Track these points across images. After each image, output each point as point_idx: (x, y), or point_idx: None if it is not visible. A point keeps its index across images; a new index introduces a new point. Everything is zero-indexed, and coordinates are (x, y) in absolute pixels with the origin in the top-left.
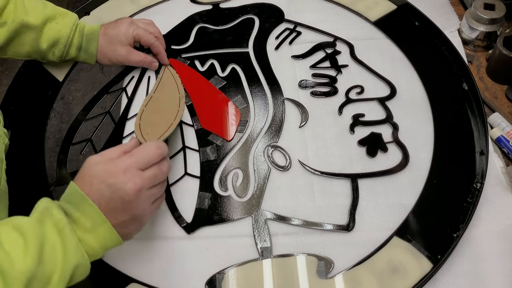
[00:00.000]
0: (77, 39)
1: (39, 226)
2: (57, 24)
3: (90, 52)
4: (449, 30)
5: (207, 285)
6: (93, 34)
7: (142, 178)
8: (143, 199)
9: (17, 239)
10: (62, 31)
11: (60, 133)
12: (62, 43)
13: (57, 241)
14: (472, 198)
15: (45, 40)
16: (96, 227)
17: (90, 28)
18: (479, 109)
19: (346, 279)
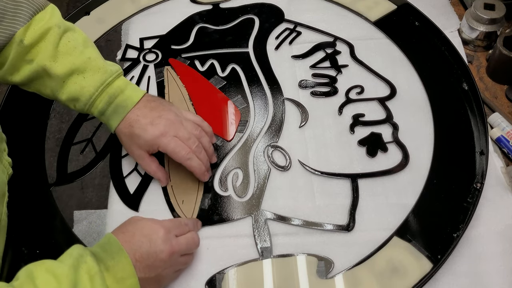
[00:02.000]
0: (101, 103)
1: (73, 272)
2: (84, 79)
3: (111, 124)
4: (449, 30)
5: (207, 285)
6: (122, 108)
7: (178, 243)
8: (172, 263)
9: (51, 282)
10: (85, 89)
11: (60, 133)
12: (82, 102)
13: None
14: (472, 198)
15: (65, 92)
16: (125, 279)
17: (125, 98)
18: (479, 109)
19: (346, 279)
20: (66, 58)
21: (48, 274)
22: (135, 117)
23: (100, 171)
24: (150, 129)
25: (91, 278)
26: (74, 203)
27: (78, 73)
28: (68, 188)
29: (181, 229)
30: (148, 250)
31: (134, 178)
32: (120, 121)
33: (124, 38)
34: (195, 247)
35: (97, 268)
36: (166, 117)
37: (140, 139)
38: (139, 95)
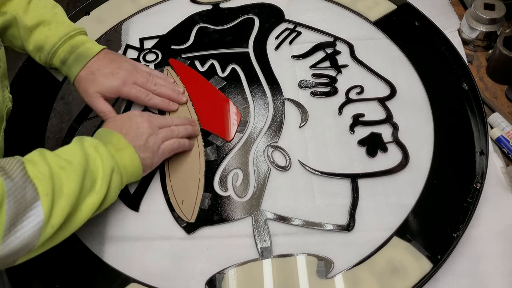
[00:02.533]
0: (63, 52)
1: (80, 146)
2: (49, 30)
3: (72, 72)
4: (449, 30)
5: (207, 285)
6: (83, 57)
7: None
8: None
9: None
10: (50, 39)
11: (60, 133)
12: (46, 50)
13: (95, 154)
14: (472, 198)
15: (32, 42)
16: (123, 149)
17: (86, 48)
18: (479, 109)
19: (346, 279)
20: (36, 11)
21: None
22: (96, 66)
23: None
24: (112, 79)
25: (96, 148)
26: None
27: (45, 24)
28: None
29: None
30: (130, 123)
31: None
32: (81, 69)
33: (124, 38)
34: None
35: (97, 141)
36: (124, 67)
37: (102, 85)
38: (99, 47)
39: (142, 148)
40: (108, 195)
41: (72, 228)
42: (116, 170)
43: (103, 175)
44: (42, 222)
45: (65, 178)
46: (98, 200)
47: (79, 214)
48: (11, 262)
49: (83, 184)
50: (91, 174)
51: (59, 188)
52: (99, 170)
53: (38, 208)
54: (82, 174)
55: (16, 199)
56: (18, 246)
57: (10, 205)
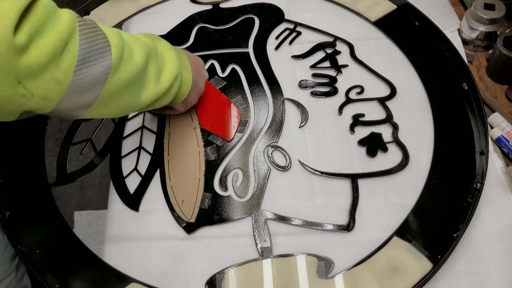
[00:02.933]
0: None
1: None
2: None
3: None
4: (449, 30)
5: (207, 285)
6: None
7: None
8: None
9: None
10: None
11: (60, 133)
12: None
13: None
14: (472, 198)
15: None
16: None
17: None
18: (479, 109)
19: (346, 279)
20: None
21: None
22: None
23: (100, 171)
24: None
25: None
26: (74, 203)
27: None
28: (68, 188)
29: None
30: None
31: (134, 178)
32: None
33: None
34: None
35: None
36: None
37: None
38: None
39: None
40: (167, 94)
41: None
42: (179, 77)
43: (169, 71)
44: (111, 68)
45: (136, 50)
46: (159, 91)
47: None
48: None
49: (149, 65)
50: (158, 63)
51: (129, 52)
52: (166, 66)
53: (107, 53)
54: (149, 54)
55: (88, 36)
56: (86, 83)
57: (83, 38)
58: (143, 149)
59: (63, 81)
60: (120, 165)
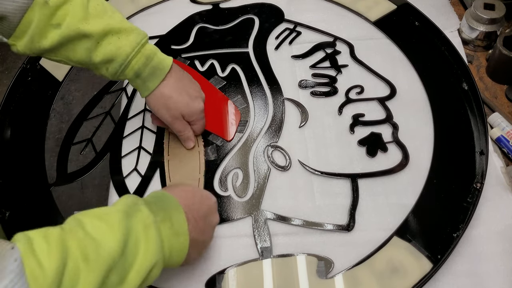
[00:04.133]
0: (138, 64)
1: (125, 218)
2: (119, 39)
3: (147, 87)
4: (449, 30)
5: (207, 285)
6: (160, 70)
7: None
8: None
9: (102, 227)
10: (122, 49)
11: (60, 133)
12: (117, 62)
13: (142, 236)
14: (472, 198)
15: (100, 54)
16: (179, 235)
17: (160, 60)
18: (479, 109)
19: (346, 279)
20: (99, 19)
21: (99, 221)
22: (178, 83)
23: (100, 171)
24: (195, 102)
25: (146, 227)
26: (74, 203)
27: (113, 33)
28: (68, 188)
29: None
30: (205, 214)
31: (134, 178)
32: (159, 84)
33: None
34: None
35: (152, 218)
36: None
37: (188, 108)
38: (169, 59)
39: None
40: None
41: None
42: (158, 264)
43: (139, 267)
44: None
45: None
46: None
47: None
48: None
49: (107, 280)
50: (125, 264)
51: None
52: (137, 260)
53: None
54: (110, 266)
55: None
56: None
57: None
58: (143, 149)
59: None
60: (120, 165)
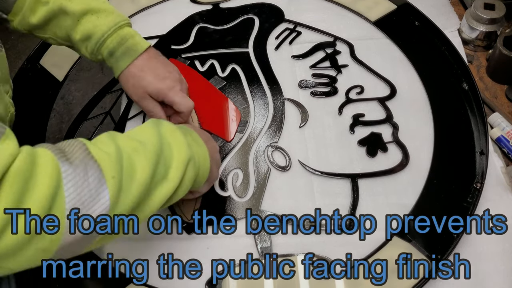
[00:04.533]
0: (112, 43)
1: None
2: (98, 18)
3: (119, 66)
4: (449, 30)
5: (207, 285)
6: (133, 51)
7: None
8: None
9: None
10: (98, 28)
11: (60, 133)
12: (94, 39)
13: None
14: (472, 198)
15: (79, 31)
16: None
17: (135, 42)
18: (479, 109)
19: (346, 279)
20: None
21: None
22: (146, 64)
23: None
24: (162, 82)
25: (172, 132)
26: None
27: (93, 13)
28: None
29: None
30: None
31: None
32: (130, 63)
33: None
34: None
35: (175, 126)
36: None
37: (152, 86)
38: (147, 43)
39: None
40: (181, 186)
41: (139, 220)
42: (191, 163)
43: (178, 163)
44: (108, 209)
45: (137, 161)
46: (170, 190)
47: (149, 204)
48: (78, 251)
49: (156, 170)
50: (165, 160)
51: (130, 172)
52: (174, 156)
53: (102, 193)
54: (156, 158)
55: (77, 184)
56: (78, 238)
57: (70, 191)
58: None
59: (49, 249)
60: None
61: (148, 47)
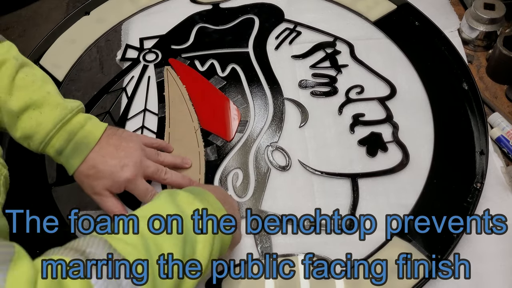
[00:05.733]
0: (59, 141)
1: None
2: (41, 114)
3: (71, 165)
4: (449, 30)
5: (207, 285)
6: (84, 146)
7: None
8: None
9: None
10: (42, 126)
11: None
12: (37, 139)
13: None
14: (472, 198)
15: (19, 129)
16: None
17: (85, 134)
18: (479, 109)
19: (346, 279)
20: (23, 92)
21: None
22: (100, 158)
23: None
24: (121, 173)
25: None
26: (74, 203)
27: (35, 107)
28: (68, 188)
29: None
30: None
31: None
32: (82, 161)
33: (124, 38)
34: None
35: (191, 195)
36: (132, 155)
37: (108, 181)
38: (100, 129)
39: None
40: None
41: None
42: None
43: (205, 237)
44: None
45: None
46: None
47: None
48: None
49: (184, 249)
50: (192, 238)
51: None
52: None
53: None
54: (181, 240)
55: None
56: None
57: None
58: None
59: None
60: None
61: (102, 133)
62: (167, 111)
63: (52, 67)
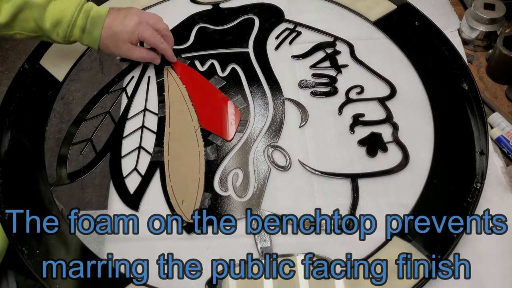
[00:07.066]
0: (81, 20)
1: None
2: (61, 3)
3: (94, 36)
4: (449, 30)
5: (207, 285)
6: (99, 18)
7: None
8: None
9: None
10: (66, 11)
11: (60, 133)
12: (65, 23)
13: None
14: (472, 198)
15: (49, 18)
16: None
17: (97, 11)
18: (479, 109)
19: (346, 279)
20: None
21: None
22: (111, 20)
23: (100, 171)
24: (128, 21)
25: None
26: (74, 203)
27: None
28: (68, 188)
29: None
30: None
31: (134, 178)
32: (102, 29)
33: None
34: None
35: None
36: (132, 16)
37: (123, 33)
38: (106, 8)
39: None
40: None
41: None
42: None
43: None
44: None
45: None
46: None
47: None
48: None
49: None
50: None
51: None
52: None
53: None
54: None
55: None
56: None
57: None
58: (143, 149)
59: None
60: (120, 165)
61: (108, 10)
62: (167, 111)
63: (52, 67)
